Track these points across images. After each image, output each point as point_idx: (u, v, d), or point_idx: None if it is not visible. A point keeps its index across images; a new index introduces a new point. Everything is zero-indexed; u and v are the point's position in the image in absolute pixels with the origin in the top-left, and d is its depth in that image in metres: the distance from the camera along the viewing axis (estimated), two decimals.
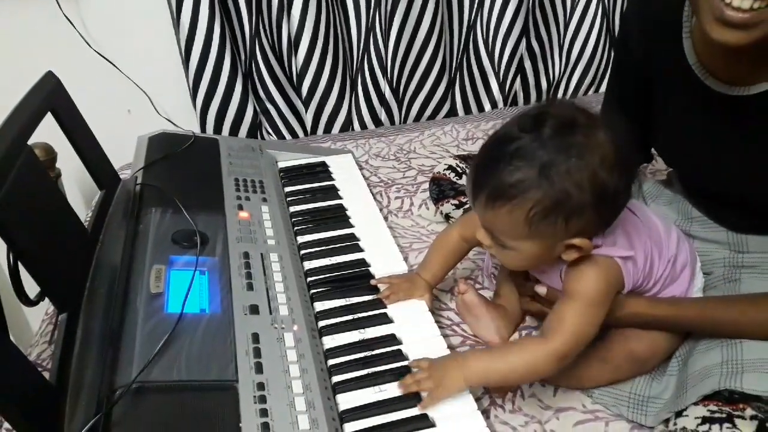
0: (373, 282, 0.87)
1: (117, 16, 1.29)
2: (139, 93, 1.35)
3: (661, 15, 0.81)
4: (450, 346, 0.86)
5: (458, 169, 1.08)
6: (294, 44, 1.36)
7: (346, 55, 1.43)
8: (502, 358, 0.71)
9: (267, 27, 1.35)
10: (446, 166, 1.09)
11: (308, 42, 1.35)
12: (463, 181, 1.06)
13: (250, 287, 0.80)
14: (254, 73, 1.39)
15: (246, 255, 0.86)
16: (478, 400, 0.78)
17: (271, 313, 0.77)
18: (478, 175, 0.69)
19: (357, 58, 1.44)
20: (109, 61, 1.30)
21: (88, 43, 1.27)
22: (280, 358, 0.70)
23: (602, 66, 1.57)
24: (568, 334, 0.70)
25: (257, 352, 0.70)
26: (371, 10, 1.38)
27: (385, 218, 1.15)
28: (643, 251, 0.75)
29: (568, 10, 1.48)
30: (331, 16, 1.36)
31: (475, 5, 1.45)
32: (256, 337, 0.72)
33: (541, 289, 0.79)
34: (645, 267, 0.75)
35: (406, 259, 1.03)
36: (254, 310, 0.76)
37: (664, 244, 0.78)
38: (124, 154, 1.16)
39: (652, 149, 0.96)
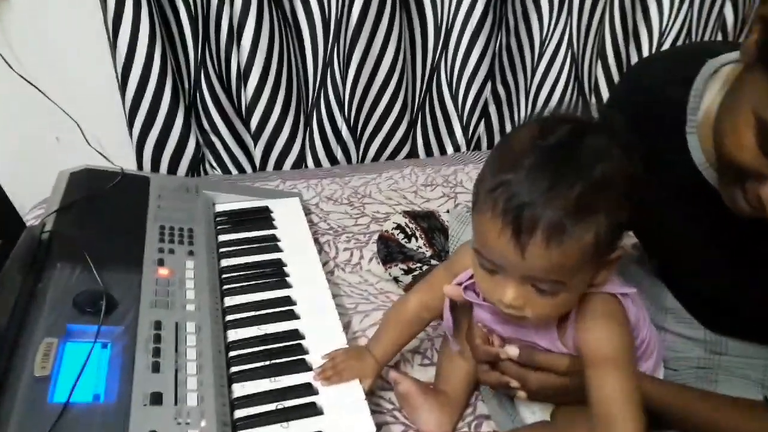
0: (315, 373, 0.76)
1: (46, 37, 1.17)
2: (69, 122, 1.22)
3: (656, 105, 0.72)
4: None
5: (407, 229, 0.99)
6: (243, 75, 1.26)
7: (301, 89, 1.34)
8: None
9: (214, 55, 1.25)
10: (394, 225, 1.00)
11: (259, 73, 1.25)
12: (412, 244, 0.97)
13: (156, 368, 0.69)
14: (198, 104, 1.29)
15: (158, 325, 0.74)
16: None
17: (176, 404, 0.65)
18: (519, 215, 0.55)
19: (312, 93, 1.35)
20: (35, 86, 1.17)
21: (10, 66, 1.15)
22: None
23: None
24: (632, 410, 0.59)
25: None
26: (329, 44, 1.29)
27: (331, 272, 1.05)
28: (635, 287, 0.67)
29: (536, 56, 1.42)
30: (285, 48, 1.26)
31: (440, 46, 1.37)
32: None
33: (513, 351, 0.68)
34: (635, 312, 0.67)
35: (349, 323, 0.94)
36: (156, 399, 0.65)
37: (643, 309, 0.70)
38: (49, 188, 1.04)
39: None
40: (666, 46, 1.43)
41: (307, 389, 0.74)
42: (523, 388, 0.69)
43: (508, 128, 1.51)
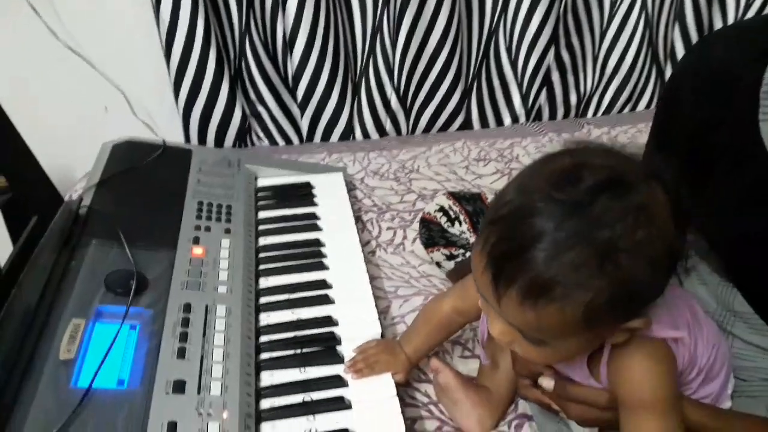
0: (346, 365, 0.72)
1: (92, 6, 1.16)
2: (117, 93, 1.22)
3: (724, 86, 0.62)
4: None
5: (450, 212, 0.92)
6: (289, 42, 1.21)
7: (348, 56, 1.27)
8: None
9: (259, 22, 1.20)
10: (437, 207, 0.93)
11: (305, 40, 1.20)
12: (455, 229, 0.91)
13: (181, 354, 0.67)
14: (244, 73, 1.25)
15: (187, 308, 0.72)
16: None
17: (199, 393, 0.63)
18: (497, 261, 0.50)
19: (361, 60, 1.29)
20: (82, 57, 1.17)
21: (56, 36, 1.14)
22: None
23: (641, 82, 1.37)
24: None
25: None
26: (378, 9, 1.22)
27: (373, 252, 1.01)
28: (686, 328, 0.59)
29: (606, 18, 1.29)
30: (332, 13, 1.20)
31: (498, 8, 1.27)
32: (172, 428, 0.59)
33: (548, 383, 0.62)
34: (690, 347, 0.59)
35: (387, 308, 0.89)
36: (179, 387, 0.63)
37: (704, 322, 0.63)
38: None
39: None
40: (753, 12, 1.27)
41: (337, 381, 0.71)
42: (564, 413, 0.63)
43: (573, 99, 1.40)
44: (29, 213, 0.79)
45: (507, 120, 1.39)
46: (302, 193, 1.04)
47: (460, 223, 0.91)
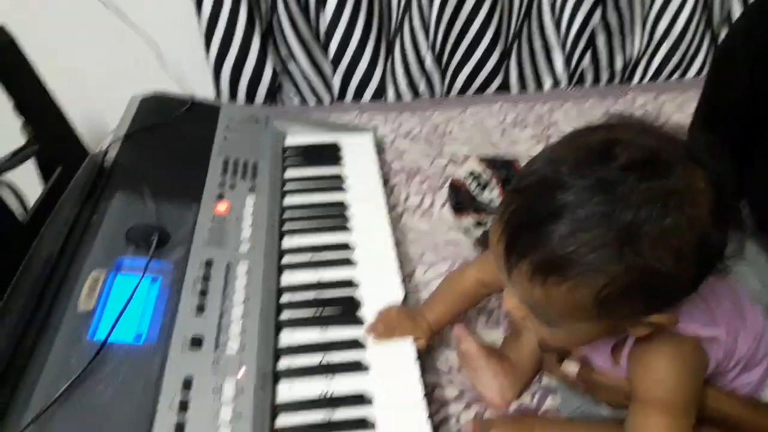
0: (366, 328, 0.71)
1: None
2: (148, 47, 1.20)
3: None
4: (441, 399, 0.71)
5: (481, 178, 0.88)
6: None
7: (383, 13, 1.23)
8: None
9: None
10: (467, 172, 0.90)
11: None
12: (485, 195, 0.87)
13: (200, 310, 0.66)
14: (275, 29, 1.22)
15: (209, 264, 0.72)
16: None
17: (216, 349, 0.62)
18: (513, 231, 0.47)
19: (395, 18, 1.24)
20: (113, 9, 1.15)
21: None
22: (210, 418, 0.56)
23: (692, 48, 1.29)
24: None
25: (183, 407, 0.56)
26: None
27: (400, 216, 0.98)
28: (726, 323, 0.55)
29: None
30: None
31: None
32: (188, 384, 0.58)
33: (572, 369, 0.61)
34: (728, 342, 0.56)
35: (412, 273, 0.87)
36: (196, 343, 0.62)
37: (747, 312, 0.59)
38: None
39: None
40: None
41: (356, 344, 0.69)
42: (591, 395, 0.61)
43: (618, 63, 1.32)
44: (56, 164, 0.79)
45: (547, 83, 1.33)
46: (330, 154, 1.01)
47: (491, 190, 0.87)
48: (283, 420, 0.61)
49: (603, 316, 0.47)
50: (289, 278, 0.78)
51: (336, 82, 1.29)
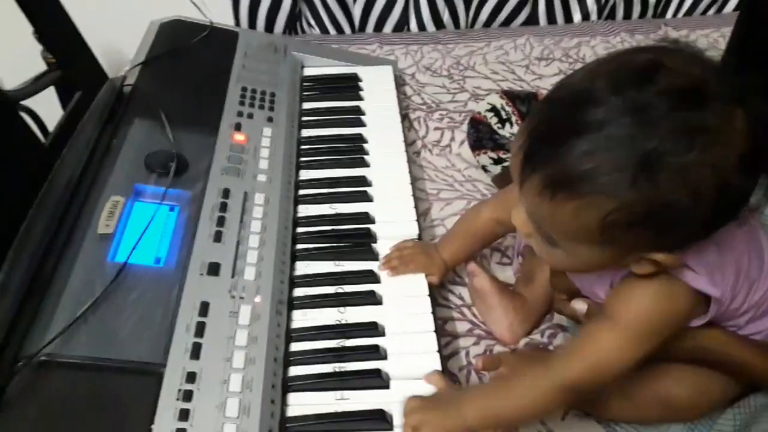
0: (381, 262, 0.71)
1: None
2: None
3: None
4: (452, 333, 0.72)
5: (502, 112, 0.86)
6: None
7: None
8: (501, 395, 0.55)
9: None
10: (489, 106, 0.88)
11: None
12: (506, 131, 0.85)
13: (217, 238, 0.67)
14: None
15: (226, 193, 0.72)
16: None
17: (233, 276, 0.64)
18: (533, 142, 0.47)
19: None
20: None
21: None
22: (226, 341, 0.58)
23: None
24: (584, 363, 0.52)
25: (200, 329, 0.58)
26: None
27: (418, 153, 0.97)
28: (735, 271, 0.54)
29: None
30: None
31: None
32: (205, 308, 0.60)
33: (581, 306, 0.61)
34: (737, 289, 0.55)
35: (428, 210, 0.87)
36: (213, 269, 0.64)
37: (767, 260, 0.57)
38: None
39: None
40: None
41: (370, 276, 0.70)
42: None
43: None
44: (76, 88, 0.79)
45: (576, 17, 1.28)
46: (349, 86, 1.00)
47: (512, 125, 0.85)
48: (297, 345, 0.63)
49: (606, 242, 0.47)
50: (305, 211, 0.78)
51: (356, 11, 1.25)
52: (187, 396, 0.53)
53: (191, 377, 0.54)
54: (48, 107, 0.88)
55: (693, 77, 0.44)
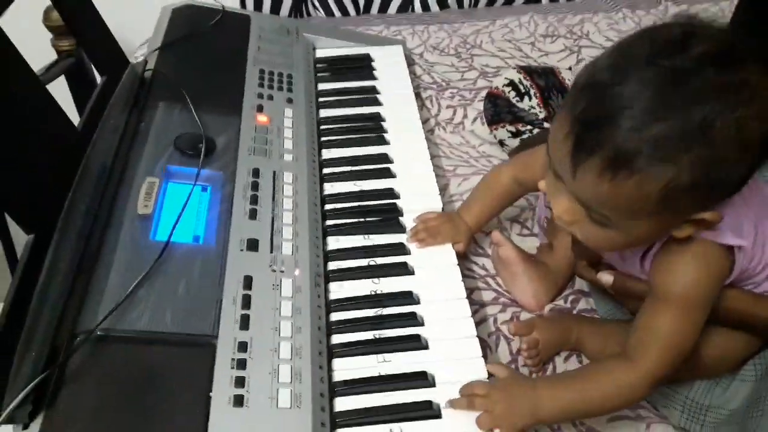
0: (409, 235, 0.73)
1: None
2: None
3: None
4: (478, 301, 0.75)
5: (520, 87, 0.88)
6: None
7: None
8: (582, 393, 0.56)
9: None
10: (506, 81, 0.90)
11: None
12: (525, 104, 0.87)
13: (253, 215, 0.69)
14: None
15: (256, 172, 0.74)
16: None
17: (272, 252, 0.66)
18: (582, 128, 0.48)
19: None
20: None
21: None
22: (272, 312, 0.60)
23: None
24: (663, 351, 0.55)
25: (246, 302, 0.60)
26: None
27: (431, 131, 0.99)
28: (754, 227, 0.57)
29: None
30: None
31: None
32: (248, 282, 0.62)
33: (607, 278, 0.63)
34: (755, 249, 0.58)
35: (446, 186, 0.90)
36: (253, 245, 0.66)
37: None
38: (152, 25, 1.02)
39: None
40: None
41: (400, 249, 0.72)
42: (624, 305, 0.64)
43: None
44: (99, 73, 0.79)
45: None
46: (361, 66, 1.01)
47: (530, 98, 0.88)
48: (337, 315, 0.65)
49: (665, 210, 0.49)
50: (331, 189, 0.80)
51: None
52: (241, 364, 0.55)
53: (243, 347, 0.56)
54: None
55: (722, 41, 0.47)
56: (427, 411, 0.57)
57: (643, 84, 0.45)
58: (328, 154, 0.85)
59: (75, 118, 0.75)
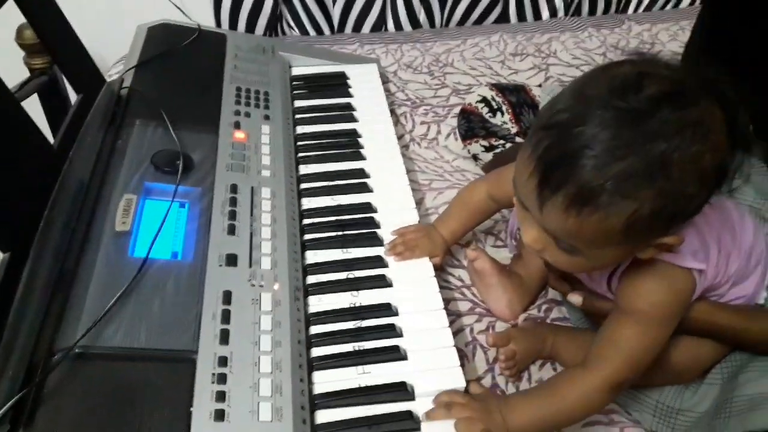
0: (386, 249, 0.75)
1: None
2: None
3: None
4: (455, 312, 0.77)
5: (493, 103, 0.91)
6: None
7: None
8: (549, 405, 0.58)
9: None
10: (479, 98, 0.92)
11: None
12: (497, 119, 0.90)
13: (231, 231, 0.69)
14: None
15: (234, 188, 0.74)
16: (480, 379, 0.70)
17: (250, 266, 0.66)
18: (546, 167, 0.50)
19: None
20: None
21: None
22: (252, 326, 0.61)
23: None
24: (621, 361, 0.57)
25: (226, 317, 0.60)
26: None
27: (406, 146, 1.01)
28: (716, 248, 0.60)
29: None
30: None
31: None
32: (227, 297, 0.62)
33: (576, 299, 0.66)
34: (719, 267, 0.61)
35: (422, 200, 0.91)
36: (232, 260, 0.66)
37: (738, 231, 0.63)
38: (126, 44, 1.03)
39: None
40: None
41: (378, 262, 0.73)
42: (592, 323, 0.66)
43: None
44: (76, 91, 0.80)
45: (545, 14, 1.34)
46: (337, 83, 1.03)
47: (502, 114, 0.90)
48: (317, 328, 0.66)
49: (629, 239, 0.51)
50: (308, 204, 0.81)
51: (336, 12, 1.28)
52: (222, 379, 0.55)
53: (223, 361, 0.57)
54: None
55: (675, 79, 0.50)
56: (407, 422, 0.58)
57: (603, 125, 0.48)
58: (305, 169, 0.86)
59: (49, 136, 0.75)
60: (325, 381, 0.61)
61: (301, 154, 0.88)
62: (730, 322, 0.63)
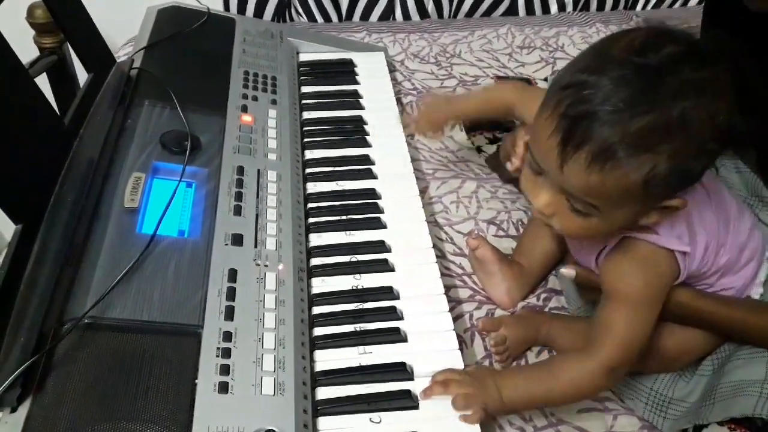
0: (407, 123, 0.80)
1: None
2: None
3: None
4: (455, 299, 0.78)
5: None
6: None
7: None
8: (542, 382, 0.60)
9: None
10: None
11: None
12: None
13: (237, 211, 0.70)
14: None
15: (240, 170, 0.76)
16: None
17: (256, 246, 0.68)
18: (570, 124, 0.51)
19: None
20: None
21: None
22: (256, 304, 0.62)
23: None
24: (615, 344, 0.59)
25: (231, 294, 0.62)
26: None
27: (412, 135, 1.02)
28: (705, 236, 0.61)
29: None
30: None
31: None
32: (233, 275, 0.64)
33: (569, 272, 0.67)
34: (707, 256, 0.62)
35: (426, 188, 0.92)
36: (237, 240, 0.67)
37: (733, 224, 0.64)
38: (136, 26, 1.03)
39: None
40: None
41: (381, 246, 0.75)
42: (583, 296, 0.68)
43: None
44: (87, 70, 0.80)
45: (553, 8, 1.35)
46: (344, 70, 1.04)
47: None
48: (319, 309, 0.67)
49: (645, 197, 0.52)
50: (313, 188, 0.82)
51: (344, 0, 1.28)
52: (226, 353, 0.57)
53: (228, 336, 0.58)
54: None
55: (692, 43, 0.51)
56: (406, 401, 0.59)
57: (624, 81, 0.49)
58: (311, 154, 0.87)
59: None
60: (327, 359, 0.63)
61: (307, 140, 0.89)
62: (713, 309, 0.64)
